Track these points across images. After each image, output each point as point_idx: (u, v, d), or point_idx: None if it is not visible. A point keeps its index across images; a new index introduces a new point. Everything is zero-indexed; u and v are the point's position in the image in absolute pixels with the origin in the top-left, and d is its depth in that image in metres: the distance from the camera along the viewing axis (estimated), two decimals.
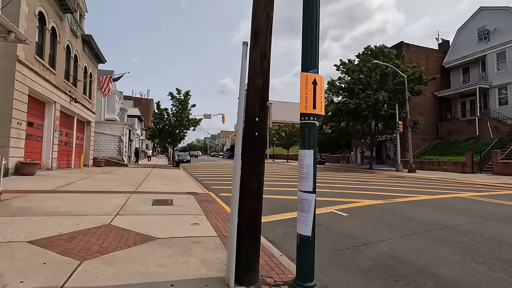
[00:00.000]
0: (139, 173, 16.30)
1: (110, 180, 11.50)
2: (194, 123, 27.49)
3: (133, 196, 7.73)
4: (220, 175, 18.26)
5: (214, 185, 12.56)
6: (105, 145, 24.88)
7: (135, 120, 46.35)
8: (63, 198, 6.90)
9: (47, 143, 14.28)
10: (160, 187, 10.36)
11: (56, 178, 10.71)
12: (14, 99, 10.56)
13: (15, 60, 10.60)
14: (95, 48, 20.61)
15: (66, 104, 16.08)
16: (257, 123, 3.00)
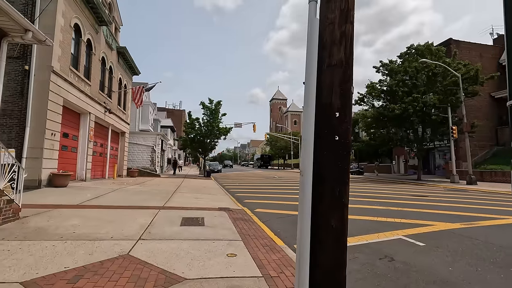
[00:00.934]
0: (170, 184, 15.79)
1: (140, 193, 10.93)
2: (225, 132, 26.95)
3: (160, 213, 6.89)
4: (253, 186, 17.20)
5: (248, 198, 11.50)
6: (138, 156, 25.12)
7: (168, 130, 47.38)
8: (85, 215, 6.22)
9: (81, 154, 14.28)
10: (190, 201, 9.51)
11: (86, 190, 10.34)
12: (48, 110, 10.48)
13: (50, 71, 10.56)
14: (130, 60, 20.96)
15: (101, 115, 16.18)
16: (338, 121, 1.86)
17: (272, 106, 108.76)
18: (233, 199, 10.94)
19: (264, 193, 13.42)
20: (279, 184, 19.01)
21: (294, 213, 8.28)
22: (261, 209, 9.00)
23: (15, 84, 10.32)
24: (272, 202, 10.39)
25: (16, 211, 5.46)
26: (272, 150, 59.68)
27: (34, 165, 10.14)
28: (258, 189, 15.48)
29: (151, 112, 36.10)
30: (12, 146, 9.99)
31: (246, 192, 13.93)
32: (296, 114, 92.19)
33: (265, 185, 18.12)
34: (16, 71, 10.35)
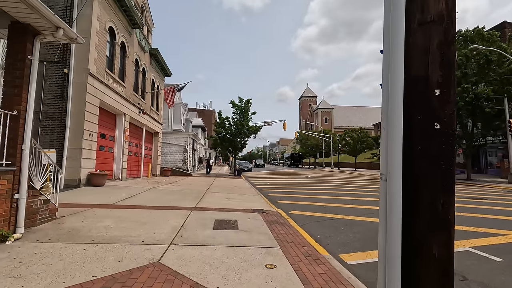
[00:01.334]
0: (201, 184, 15.76)
1: (173, 192, 10.88)
2: (255, 130, 26.62)
3: (193, 214, 6.62)
4: (285, 186, 16.62)
5: (281, 199, 10.97)
6: (171, 155, 25.68)
7: (199, 130, 48.27)
8: (118, 215, 6.12)
9: (117, 154, 14.71)
10: (222, 201, 9.22)
11: (121, 190, 10.50)
12: (86, 111, 10.80)
13: (87, 73, 10.87)
14: (162, 62, 21.38)
15: (135, 115, 16.59)
16: (439, 101, 1.28)
17: (301, 103, 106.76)
18: (265, 200, 10.49)
19: (297, 193, 12.80)
20: (312, 184, 18.22)
21: (332, 216, 7.61)
22: (296, 211, 8.43)
23: (56, 87, 10.75)
24: (307, 204, 9.77)
25: (53, 211, 5.46)
26: (303, 149, 58.37)
27: (74, 165, 10.50)
28: (290, 189, 14.88)
29: (182, 112, 36.89)
30: (54, 147, 10.42)
31: (278, 192, 13.40)
32: (326, 111, 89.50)
33: (297, 184, 17.45)
34: (56, 75, 10.79)
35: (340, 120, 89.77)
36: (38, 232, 4.64)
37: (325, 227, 6.48)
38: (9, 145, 4.19)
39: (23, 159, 4.31)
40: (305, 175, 27.52)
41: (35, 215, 4.93)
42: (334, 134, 52.40)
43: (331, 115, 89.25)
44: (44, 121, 10.55)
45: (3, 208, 4.03)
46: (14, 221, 4.21)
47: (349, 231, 6.18)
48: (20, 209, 4.27)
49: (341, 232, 6.05)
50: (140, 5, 18.06)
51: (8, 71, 4.34)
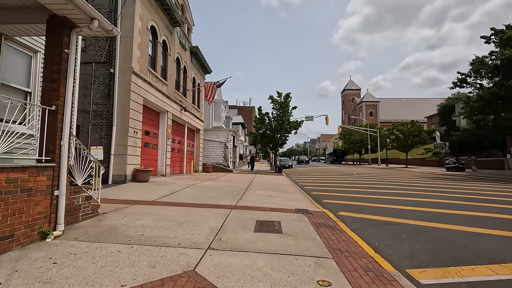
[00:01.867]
0: (242, 181, 15.49)
1: (213, 189, 10.68)
2: (295, 125, 25.73)
3: (233, 214, 6.20)
4: (330, 184, 15.58)
5: (327, 198, 10.12)
6: (212, 152, 26.02)
7: (239, 127, 48.63)
8: (158, 213, 5.93)
9: (161, 150, 15.08)
10: (264, 199, 8.71)
11: (163, 186, 10.59)
12: (130, 109, 11.09)
13: (130, 72, 11.15)
14: (202, 59, 21.59)
15: (177, 113, 16.90)
16: None
17: (344, 97, 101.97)
18: (309, 199, 9.73)
19: (344, 192, 11.78)
20: (360, 181, 16.86)
21: (390, 220, 6.61)
22: (345, 212, 7.57)
23: (103, 87, 11.20)
24: (357, 204, 8.80)
25: (95, 208, 5.44)
26: (346, 144, 55.52)
27: (120, 161, 10.85)
28: (336, 187, 13.85)
29: (223, 109, 37.35)
30: (102, 144, 10.87)
31: (323, 190, 12.50)
32: (372, 104, 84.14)
33: (343, 182, 16.27)
34: (104, 75, 11.24)
35: (387, 114, 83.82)
36: (79, 229, 4.57)
37: (383, 233, 5.58)
38: (48, 140, 4.12)
39: (62, 155, 4.23)
40: (351, 172, 25.88)
41: (77, 211, 4.90)
42: (380, 128, 48.88)
43: (376, 108, 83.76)
44: (94, 120, 11.07)
45: (43, 205, 3.96)
46: (55, 218, 4.14)
47: (413, 239, 5.21)
48: (60, 206, 4.19)
49: (404, 240, 5.12)
50: (180, 4, 18.31)
51: (47, 65, 4.27)
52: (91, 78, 11.17)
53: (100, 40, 11.34)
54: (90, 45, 11.34)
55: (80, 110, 11.13)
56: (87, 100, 11.14)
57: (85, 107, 11.11)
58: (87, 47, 11.34)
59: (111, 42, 11.26)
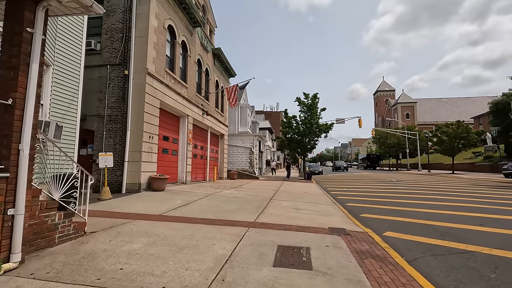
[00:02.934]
0: (267, 189, 14.18)
1: (233, 200, 9.50)
2: (325, 129, 23.93)
3: (249, 235, 4.92)
4: (366, 193, 13.70)
5: (365, 211, 8.46)
6: (237, 157, 25.04)
7: (266, 132, 47.50)
8: (157, 233, 4.83)
9: (181, 157, 14.30)
10: (289, 213, 7.33)
11: (179, 196, 9.61)
12: (145, 113, 10.36)
13: (145, 73, 10.45)
14: (225, 62, 20.81)
15: (199, 117, 16.12)
16: None
17: (376, 99, 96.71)
18: (345, 212, 8.16)
19: (386, 203, 9.99)
20: (402, 189, 14.74)
21: (458, 247, 4.91)
22: (393, 232, 5.95)
23: (118, 90, 10.61)
24: (405, 220, 7.08)
25: (80, 226, 4.46)
26: (381, 149, 51.81)
27: (134, 169, 10.10)
28: (375, 197, 12.00)
29: (249, 114, 36.47)
30: (117, 150, 10.20)
31: (360, 201, 10.78)
32: (408, 105, 78.60)
33: (382, 191, 14.29)
34: (118, 77, 10.66)
35: (425, 115, 77.82)
36: (47, 257, 3.57)
37: (456, 269, 3.96)
38: (1, 144, 3.18)
39: (21, 163, 3.26)
40: (389, 179, 23.40)
41: (53, 232, 3.93)
42: (420, 130, 44.95)
43: (413, 109, 78.14)
44: (109, 125, 10.48)
45: None
46: (8, 245, 3.17)
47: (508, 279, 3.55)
48: (16, 229, 3.21)
49: (493, 284, 3.48)
50: (201, 4, 17.71)
51: (4, 49, 3.38)
52: (106, 81, 10.65)
53: (116, 41, 10.82)
54: (106, 47, 10.86)
55: (94, 115, 10.63)
56: (101, 105, 10.60)
57: (99, 111, 10.58)
58: (102, 49, 10.87)
59: (126, 43, 10.69)
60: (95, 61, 10.83)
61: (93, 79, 10.75)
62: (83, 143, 10.72)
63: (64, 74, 7.17)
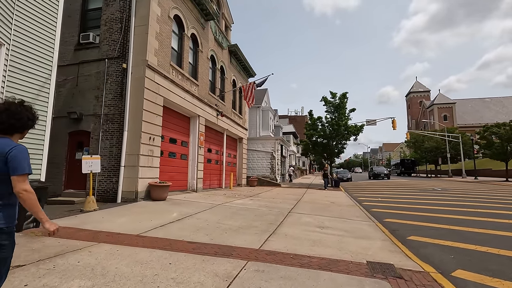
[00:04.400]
0: (287, 198, 12.34)
1: (242, 213, 7.82)
2: (355, 131, 21.56)
3: (243, 276, 3.21)
4: (406, 204, 11.35)
5: (413, 230, 6.38)
6: (258, 163, 23.38)
7: (290, 137, 45.47)
8: (106, 271, 3.28)
9: (192, 161, 12.93)
10: (310, 235, 5.49)
11: (178, 207, 8.12)
12: (144, 111, 9.09)
13: (144, 66, 9.22)
14: (243, 60, 19.43)
15: (212, 118, 14.75)
16: None
17: (409, 101, 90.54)
18: (385, 232, 6.16)
19: (438, 220, 7.77)
20: (453, 201, 12.17)
21: None
22: (467, 271, 3.93)
23: (116, 86, 9.47)
24: (479, 250, 4.95)
25: None
26: (417, 153, 47.44)
27: (131, 175, 8.82)
28: (420, 210, 9.72)
29: (271, 117, 34.80)
30: (113, 154, 9.00)
31: (402, 216, 8.60)
32: (445, 107, 72.30)
33: (427, 202, 11.86)
34: (117, 72, 9.53)
35: (466, 117, 71.13)
36: None
37: None
38: None
39: None
40: (431, 187, 20.42)
41: None
42: (463, 133, 40.42)
43: (452, 111, 71.81)
44: (105, 125, 9.34)
45: None
46: None
47: None
48: None
49: None
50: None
51: None
52: (104, 76, 9.57)
53: (115, 33, 9.75)
54: (104, 39, 9.83)
55: (90, 115, 9.55)
56: (98, 103, 9.51)
57: (96, 110, 9.49)
58: (101, 42, 9.85)
59: (125, 33, 9.57)
60: (93, 55, 9.82)
61: (90, 75, 9.73)
62: (78, 146, 9.68)
63: (26, 56, 5.95)
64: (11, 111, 1.89)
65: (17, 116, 1.91)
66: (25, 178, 1.80)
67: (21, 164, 1.79)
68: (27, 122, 1.98)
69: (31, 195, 1.78)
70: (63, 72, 10.03)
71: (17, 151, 1.80)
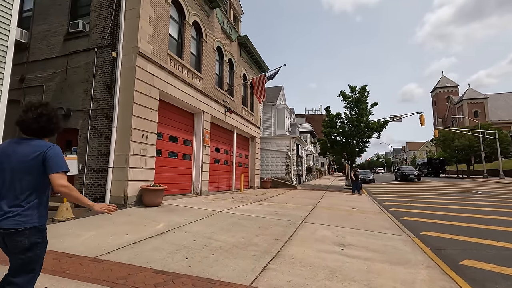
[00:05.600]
0: (302, 202, 10.88)
1: (243, 223, 6.50)
2: (378, 127, 19.64)
3: None
4: (444, 211, 9.53)
5: (465, 250, 4.78)
6: (272, 163, 21.97)
7: (308, 136, 43.66)
8: None
9: (196, 162, 11.78)
10: (326, 259, 4.06)
11: (172, 215, 6.93)
12: (134, 104, 8.01)
13: (135, 53, 8.15)
14: (254, 54, 18.14)
15: (220, 115, 13.57)
16: None
17: (435, 97, 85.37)
18: (430, 254, 4.61)
19: (492, 233, 6.08)
20: (503, 207, 10.21)
21: None
22: None
23: (106, 78, 8.47)
24: None
25: None
26: (445, 152, 43.98)
27: (120, 177, 7.75)
28: (464, 220, 7.97)
29: (287, 116, 33.25)
30: (101, 153, 7.98)
31: (444, 227, 6.94)
32: (476, 102, 67.26)
33: (470, 209, 10.00)
34: (106, 62, 8.53)
35: (499, 112, 65.81)
36: None
37: None
38: None
39: None
40: (469, 190, 18.12)
41: None
42: (499, 129, 36.86)
43: (484, 106, 66.73)
44: (94, 121, 8.35)
45: None
46: None
47: None
48: None
49: None
50: None
51: None
52: (93, 68, 8.60)
53: (105, 19, 8.77)
54: (94, 26, 8.87)
55: (79, 110, 8.60)
56: (87, 97, 8.55)
57: (85, 105, 8.53)
58: (90, 30, 8.90)
59: (115, 19, 8.56)
60: (83, 45, 8.89)
61: (79, 66, 8.80)
62: (67, 145, 8.76)
63: None
64: (48, 115, 1.96)
65: (55, 120, 2.01)
66: (64, 175, 1.88)
67: (59, 162, 1.88)
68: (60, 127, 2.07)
69: (72, 190, 1.87)
70: (52, 65, 9.22)
71: (55, 150, 1.91)
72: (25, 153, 1.84)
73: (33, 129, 1.91)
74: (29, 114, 1.90)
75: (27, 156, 1.84)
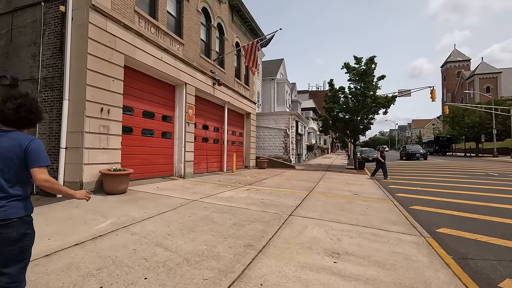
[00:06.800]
0: (297, 186, 9.64)
1: (214, 219, 5.28)
2: (385, 102, 17.97)
3: None
4: (458, 197, 8.22)
5: (500, 259, 3.48)
6: (269, 142, 20.63)
7: (310, 113, 41.91)
8: None
9: (178, 141, 10.46)
10: (312, 282, 2.79)
11: (128, 207, 5.71)
12: (88, 71, 6.55)
13: (87, 7, 6.55)
14: (249, 19, 16.19)
15: (207, 88, 12.05)
16: None
17: (445, 72, 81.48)
18: (454, 269, 3.34)
19: None
20: None
21: None
22: None
23: (55, 39, 6.95)
24: None
25: None
26: (454, 130, 42.08)
27: (74, 159, 6.47)
28: (486, 211, 6.70)
29: (287, 91, 31.41)
30: (53, 131, 6.66)
31: (464, 220, 5.68)
32: (489, 77, 63.89)
33: (490, 196, 8.71)
34: (55, 19, 6.97)
35: None
36: None
37: None
38: None
39: None
40: (482, 171, 16.75)
41: None
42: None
43: (496, 81, 63.48)
44: (44, 92, 6.95)
45: None
46: None
47: None
48: None
49: None
50: None
51: None
52: (40, 27, 7.05)
53: None
54: None
55: (26, 79, 7.18)
56: (35, 63, 7.09)
57: (33, 73, 7.10)
58: None
59: None
60: None
61: (25, 26, 7.26)
62: None
63: None
64: (29, 106, 1.89)
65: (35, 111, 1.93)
66: (45, 169, 1.86)
67: (41, 157, 1.86)
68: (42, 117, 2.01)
69: (54, 183, 1.85)
70: None
71: (37, 145, 1.87)
72: (4, 146, 1.80)
73: (12, 120, 1.85)
74: (8, 104, 1.84)
75: (7, 149, 1.80)
